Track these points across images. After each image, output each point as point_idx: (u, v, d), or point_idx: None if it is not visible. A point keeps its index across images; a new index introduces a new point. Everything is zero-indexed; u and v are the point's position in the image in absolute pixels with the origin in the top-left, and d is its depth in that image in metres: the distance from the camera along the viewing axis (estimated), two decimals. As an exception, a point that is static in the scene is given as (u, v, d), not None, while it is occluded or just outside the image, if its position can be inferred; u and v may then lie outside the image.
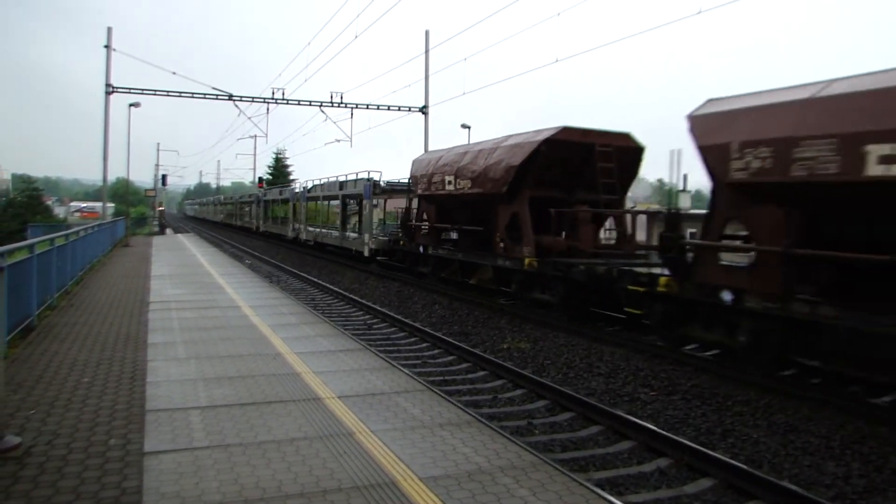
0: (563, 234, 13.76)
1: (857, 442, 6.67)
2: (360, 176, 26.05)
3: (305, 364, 7.32)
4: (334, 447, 4.81)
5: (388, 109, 32.92)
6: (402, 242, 21.23)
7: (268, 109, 34.14)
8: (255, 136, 62.92)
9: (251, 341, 8.52)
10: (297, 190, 36.89)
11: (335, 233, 28.89)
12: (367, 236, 23.80)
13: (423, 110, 32.55)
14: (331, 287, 18.39)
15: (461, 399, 7.82)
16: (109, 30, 29.40)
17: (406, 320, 13.15)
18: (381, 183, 25.08)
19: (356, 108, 32.78)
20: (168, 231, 48.14)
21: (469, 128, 36.98)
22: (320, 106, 32.61)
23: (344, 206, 29.34)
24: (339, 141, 35.81)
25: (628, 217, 14.94)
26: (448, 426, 5.34)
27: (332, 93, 32.21)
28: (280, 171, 74.22)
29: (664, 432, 6.63)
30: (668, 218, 10.18)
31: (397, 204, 24.54)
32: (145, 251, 25.06)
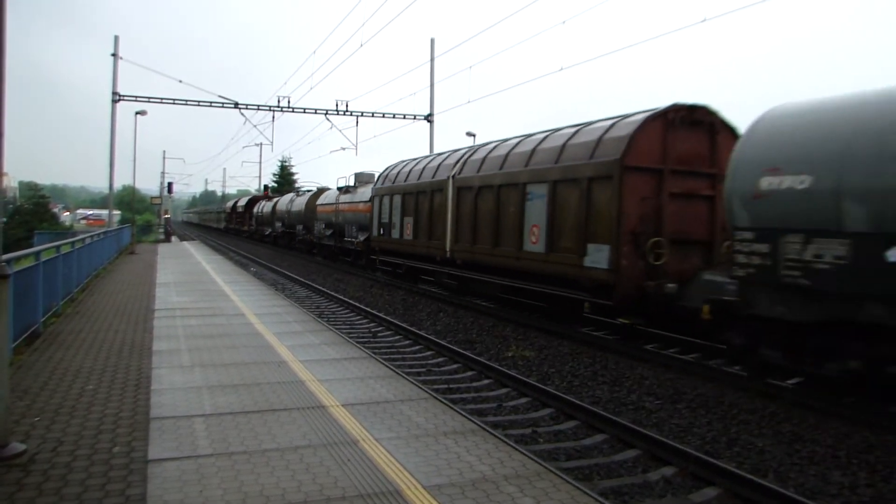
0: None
1: (864, 451, 6.62)
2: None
3: (310, 372, 7.32)
4: (338, 455, 4.80)
5: (394, 117, 33.05)
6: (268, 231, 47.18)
7: (273, 117, 34.35)
8: (261, 143, 63.83)
9: (256, 349, 8.52)
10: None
11: (221, 223, 71.04)
12: (223, 225, 69.36)
13: (429, 118, 32.66)
14: (336, 295, 18.40)
15: (466, 407, 7.80)
16: (116, 38, 29.64)
17: (411, 328, 13.14)
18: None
19: (361, 115, 32.92)
20: (174, 238, 48.27)
21: (474, 136, 37.08)
22: (326, 114, 32.77)
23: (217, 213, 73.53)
24: (344, 149, 36.15)
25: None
26: (452, 434, 5.33)
27: (337, 101, 32.41)
28: (286, 178, 74.37)
29: (669, 441, 6.60)
30: None
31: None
32: (151, 258, 25.14)
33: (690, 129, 11.52)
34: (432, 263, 18.46)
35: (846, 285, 7.39)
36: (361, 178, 28.46)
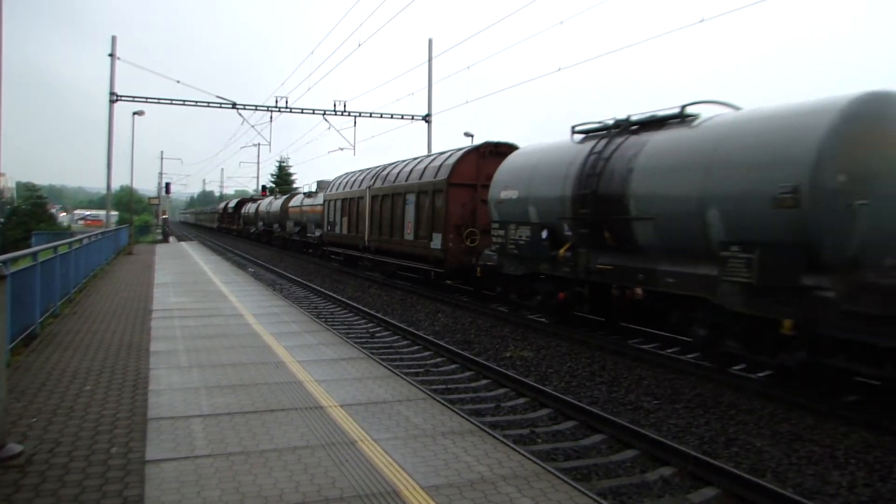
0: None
1: (862, 451, 6.63)
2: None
3: (308, 372, 7.31)
4: (336, 456, 4.80)
5: (392, 118, 33.05)
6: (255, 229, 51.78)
7: (271, 118, 34.32)
8: (259, 144, 63.61)
9: (254, 350, 8.51)
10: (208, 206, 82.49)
11: (215, 223, 75.92)
12: (216, 224, 73.95)
13: (426, 119, 32.67)
14: (334, 296, 18.40)
15: (464, 408, 7.80)
16: (114, 39, 29.62)
17: (409, 329, 13.14)
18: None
19: (359, 116, 32.92)
20: (171, 239, 48.17)
21: (472, 136, 37.12)
22: (324, 114, 32.76)
23: (211, 213, 78.79)
24: (342, 149, 36.12)
25: None
26: (450, 435, 5.33)
27: (335, 101, 32.41)
28: (284, 179, 74.39)
29: (667, 441, 6.61)
30: None
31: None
32: (148, 259, 25.10)
33: (497, 157, 16.70)
34: (358, 251, 25.17)
35: (531, 253, 12.91)
36: (322, 185, 33.43)
